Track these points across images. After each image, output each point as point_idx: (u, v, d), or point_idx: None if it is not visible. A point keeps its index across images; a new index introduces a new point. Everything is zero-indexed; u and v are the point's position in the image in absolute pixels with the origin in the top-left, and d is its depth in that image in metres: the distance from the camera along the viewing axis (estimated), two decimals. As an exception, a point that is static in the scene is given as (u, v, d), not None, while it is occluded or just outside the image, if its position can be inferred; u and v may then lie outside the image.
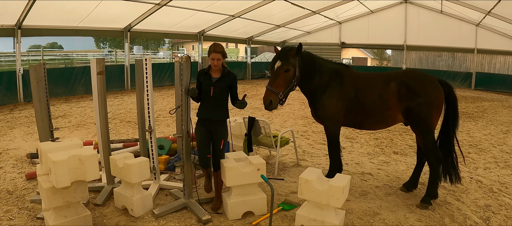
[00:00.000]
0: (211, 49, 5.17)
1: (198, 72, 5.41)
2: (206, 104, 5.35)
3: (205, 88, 5.28)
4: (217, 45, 5.21)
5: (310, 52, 6.05)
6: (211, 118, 5.31)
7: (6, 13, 13.75)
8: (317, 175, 4.57)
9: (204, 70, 5.36)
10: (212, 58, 5.16)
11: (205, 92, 5.29)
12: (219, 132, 5.37)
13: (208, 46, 21.77)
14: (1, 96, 14.98)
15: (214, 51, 5.16)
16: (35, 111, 5.84)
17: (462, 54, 25.75)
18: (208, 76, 5.30)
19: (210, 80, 5.28)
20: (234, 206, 5.13)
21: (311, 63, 5.88)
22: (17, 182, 6.55)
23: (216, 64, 5.20)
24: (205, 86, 5.28)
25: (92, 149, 4.66)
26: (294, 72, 5.62)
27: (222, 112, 5.39)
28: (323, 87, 5.94)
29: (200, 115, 5.39)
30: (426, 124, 5.51)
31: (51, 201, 4.52)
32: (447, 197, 5.96)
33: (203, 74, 5.34)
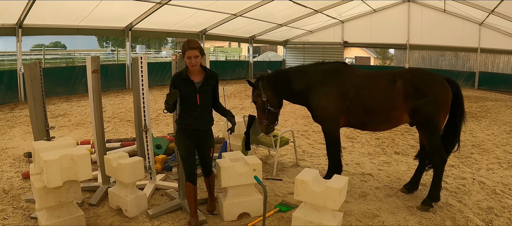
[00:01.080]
0: (185, 46, 4.47)
1: (173, 77, 4.66)
2: (191, 113, 4.65)
3: (188, 96, 4.59)
4: (192, 40, 4.52)
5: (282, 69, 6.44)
6: (200, 128, 4.73)
7: (6, 12, 13.74)
8: (314, 176, 4.46)
9: (181, 75, 4.60)
10: (187, 56, 4.45)
11: (189, 101, 4.61)
12: (208, 142, 4.88)
13: (211, 45, 21.81)
14: (2, 95, 14.99)
15: (190, 48, 4.44)
16: (29, 110, 5.79)
17: (465, 53, 25.63)
18: (189, 81, 4.58)
19: (193, 86, 4.59)
20: (230, 207, 5.03)
21: (279, 77, 6.24)
22: (14, 181, 6.51)
23: (194, 64, 4.49)
24: (187, 93, 4.57)
25: (84, 149, 4.59)
26: (261, 99, 6.26)
27: (211, 119, 4.86)
28: (315, 87, 5.95)
29: (185, 125, 4.71)
30: (433, 125, 5.34)
31: (44, 201, 4.47)
32: (449, 199, 5.83)
33: (182, 80, 4.57)
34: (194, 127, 4.70)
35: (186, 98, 4.62)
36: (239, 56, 45.50)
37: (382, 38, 27.41)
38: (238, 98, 17.64)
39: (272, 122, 6.34)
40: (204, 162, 5.00)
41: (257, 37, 28.09)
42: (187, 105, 4.66)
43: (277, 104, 6.31)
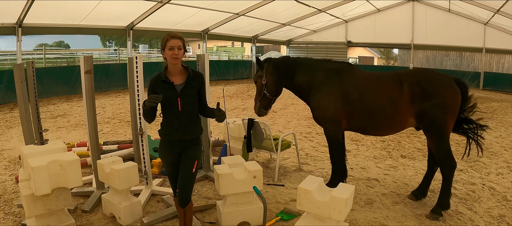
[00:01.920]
0: (165, 37, 3.92)
1: (151, 80, 4.02)
2: (172, 122, 4.01)
3: (169, 101, 3.95)
4: (174, 32, 3.97)
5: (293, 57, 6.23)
6: (183, 139, 4.04)
7: (6, 11, 13.64)
8: (318, 184, 4.18)
9: (159, 77, 3.97)
10: (170, 47, 3.85)
11: (169, 107, 3.97)
12: (190, 152, 4.12)
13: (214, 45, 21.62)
14: (2, 94, 14.96)
15: (172, 37, 3.88)
16: (20, 112, 5.57)
17: (470, 53, 25.35)
18: (169, 84, 3.95)
19: (173, 89, 3.95)
20: (228, 215, 4.78)
21: (284, 65, 6.09)
22: (7, 185, 6.32)
23: (177, 56, 3.87)
24: (167, 98, 3.92)
25: (74, 155, 4.35)
26: (261, 82, 6.11)
27: (197, 128, 4.18)
28: (317, 86, 5.79)
29: (166, 136, 4.10)
30: (440, 129, 5.06)
31: (32, 209, 4.30)
32: (459, 206, 5.57)
33: (160, 83, 3.94)
34: (176, 137, 4.03)
35: (166, 104, 3.98)
36: (242, 56, 45.37)
37: (386, 38, 27.17)
38: (240, 98, 17.47)
39: (264, 106, 6.23)
40: (180, 180, 4.09)
41: (260, 36, 27.92)
42: (168, 112, 4.02)
43: (274, 91, 6.18)
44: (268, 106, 6.28)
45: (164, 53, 3.94)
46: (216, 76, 25.52)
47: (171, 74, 4.01)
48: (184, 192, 4.07)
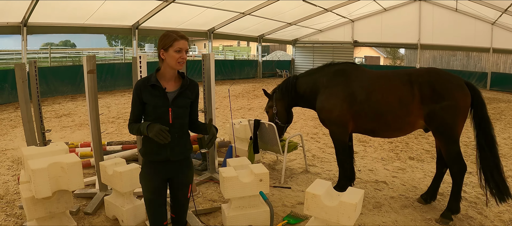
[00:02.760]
0: (172, 36, 3.25)
1: (137, 83, 3.35)
2: None
3: (157, 111, 3.29)
4: (181, 32, 3.35)
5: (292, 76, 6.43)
6: (173, 158, 3.40)
7: (11, 10, 13.69)
8: (326, 189, 4.06)
9: (148, 80, 3.30)
10: (178, 48, 3.23)
11: (157, 118, 3.28)
12: (184, 176, 3.54)
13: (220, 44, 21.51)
14: (7, 94, 15.03)
15: (182, 37, 3.28)
16: (21, 112, 5.49)
17: (477, 53, 25.24)
18: (160, 90, 3.29)
19: (164, 97, 3.29)
20: (233, 219, 4.66)
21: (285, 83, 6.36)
22: (9, 185, 6.26)
23: (184, 59, 3.28)
24: (156, 107, 3.29)
25: (75, 157, 4.25)
26: (272, 111, 6.53)
27: (188, 145, 3.56)
28: (321, 90, 5.76)
29: (150, 156, 3.40)
30: (451, 131, 4.91)
31: (32, 212, 4.21)
32: (469, 210, 5.43)
33: (149, 88, 3.28)
34: (163, 157, 3.37)
35: (153, 114, 3.29)
36: (248, 56, 45.35)
37: (393, 37, 27.09)
38: (246, 98, 17.41)
39: (278, 136, 6.50)
40: (176, 207, 3.64)
41: (266, 36, 27.95)
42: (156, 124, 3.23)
43: (285, 117, 6.48)
44: (281, 134, 6.58)
45: (166, 54, 3.24)
46: (221, 76, 25.51)
47: (163, 78, 3.35)
48: (183, 219, 3.71)
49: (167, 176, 3.46)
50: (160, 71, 3.36)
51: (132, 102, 3.37)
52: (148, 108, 3.29)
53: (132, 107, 3.37)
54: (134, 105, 3.35)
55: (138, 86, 3.31)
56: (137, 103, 3.32)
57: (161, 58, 3.30)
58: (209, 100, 6.22)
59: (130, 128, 3.39)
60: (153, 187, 3.43)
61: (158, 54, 3.32)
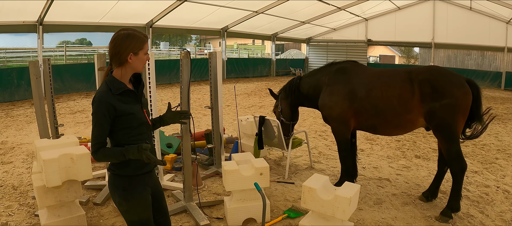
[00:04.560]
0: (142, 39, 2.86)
1: (100, 99, 2.75)
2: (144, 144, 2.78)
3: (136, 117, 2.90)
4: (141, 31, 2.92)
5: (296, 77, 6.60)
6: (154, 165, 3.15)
7: (27, 9, 13.94)
8: (323, 183, 4.19)
9: (116, 87, 2.81)
10: (146, 51, 2.91)
11: (141, 123, 2.94)
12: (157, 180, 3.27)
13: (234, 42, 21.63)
14: (23, 91, 15.31)
15: (147, 38, 2.95)
16: (35, 108, 5.71)
17: (491, 52, 24.90)
18: (131, 93, 2.92)
19: (137, 100, 2.98)
20: (234, 212, 4.81)
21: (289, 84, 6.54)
22: (24, 177, 6.52)
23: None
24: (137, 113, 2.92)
25: (84, 149, 4.44)
26: (277, 110, 6.74)
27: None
28: (322, 88, 5.89)
29: (139, 169, 2.96)
30: (451, 130, 4.95)
31: (43, 200, 4.40)
32: (470, 209, 5.48)
33: (119, 97, 2.81)
34: (149, 167, 3.08)
35: (135, 121, 2.90)
36: (262, 54, 45.40)
37: (407, 36, 26.90)
38: (258, 96, 17.50)
39: (285, 133, 6.68)
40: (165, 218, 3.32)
41: (279, 34, 27.98)
42: (137, 133, 2.93)
43: (289, 115, 6.61)
44: (288, 132, 6.71)
45: (135, 58, 2.85)
46: (235, 74, 25.61)
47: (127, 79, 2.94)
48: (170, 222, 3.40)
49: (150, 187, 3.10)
50: (117, 76, 2.87)
51: (97, 123, 2.76)
52: (124, 119, 2.83)
53: (98, 128, 2.75)
54: (100, 127, 2.75)
55: (104, 101, 2.74)
56: (107, 122, 2.76)
57: (127, 62, 2.83)
58: (215, 97, 6.36)
59: (102, 155, 2.78)
60: (149, 204, 3.06)
61: (122, 58, 2.82)
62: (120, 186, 2.93)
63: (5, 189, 5.95)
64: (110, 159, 2.83)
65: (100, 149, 2.76)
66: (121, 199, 2.93)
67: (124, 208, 2.97)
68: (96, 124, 2.76)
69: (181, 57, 4.95)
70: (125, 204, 2.95)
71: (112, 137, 2.89)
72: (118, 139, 2.89)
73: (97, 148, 2.76)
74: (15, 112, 12.56)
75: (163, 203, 3.27)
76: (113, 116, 2.78)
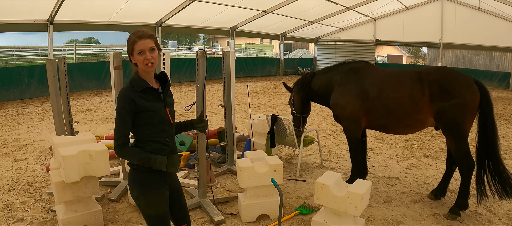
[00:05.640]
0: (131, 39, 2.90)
1: (124, 92, 2.89)
2: (164, 141, 3.06)
3: (158, 114, 2.97)
4: (140, 30, 2.95)
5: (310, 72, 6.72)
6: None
7: (38, 8, 14.11)
8: (336, 179, 4.30)
9: (138, 85, 2.90)
10: (139, 51, 2.86)
11: (161, 122, 3.00)
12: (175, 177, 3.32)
13: (242, 42, 21.60)
14: (34, 89, 15.46)
15: (140, 37, 2.88)
16: (51, 105, 5.82)
17: (500, 53, 24.79)
18: (155, 92, 3.00)
19: (159, 98, 3.04)
20: (248, 208, 4.92)
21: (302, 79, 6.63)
22: (38, 174, 6.63)
23: (151, 61, 2.90)
24: (159, 110, 2.99)
25: (102, 145, 4.55)
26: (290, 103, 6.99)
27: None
28: (335, 87, 5.96)
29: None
30: (459, 129, 5.03)
31: (61, 196, 4.50)
32: (478, 208, 5.52)
33: (141, 94, 2.90)
34: None
35: (156, 119, 2.97)
36: (270, 53, 45.44)
37: (415, 36, 26.86)
38: (267, 95, 17.59)
39: (296, 125, 6.84)
40: (184, 214, 3.37)
41: (288, 34, 28.04)
42: (157, 130, 3.00)
43: (299, 108, 6.73)
44: (299, 124, 6.86)
45: (134, 59, 2.91)
46: (243, 73, 25.68)
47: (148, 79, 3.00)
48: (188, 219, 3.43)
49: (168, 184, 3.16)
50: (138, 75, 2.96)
51: (120, 119, 2.85)
52: (144, 116, 2.91)
53: (120, 124, 2.85)
54: (123, 121, 2.85)
55: (126, 97, 2.85)
56: (129, 116, 2.85)
57: (133, 63, 2.95)
58: (229, 95, 6.46)
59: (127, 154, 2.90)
60: (166, 199, 3.11)
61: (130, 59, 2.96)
62: (138, 181, 3.00)
63: (20, 185, 6.07)
64: (134, 160, 2.93)
65: (125, 147, 2.87)
66: (138, 193, 3.01)
67: (141, 202, 3.05)
68: (118, 119, 2.86)
69: (198, 56, 5.04)
70: (142, 198, 3.02)
71: (134, 132, 2.99)
72: (139, 134, 2.99)
73: (121, 143, 2.85)
74: (26, 110, 12.70)
75: (182, 200, 3.33)
76: (134, 111, 2.86)
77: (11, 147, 8.30)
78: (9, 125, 10.42)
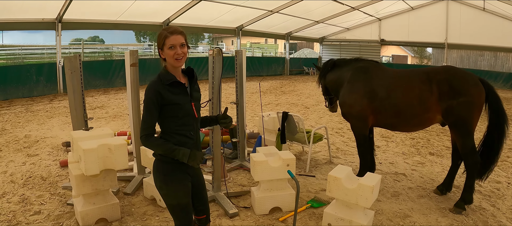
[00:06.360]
0: (163, 34, 3.03)
1: (152, 86, 3.01)
2: (189, 134, 3.16)
3: (183, 108, 3.09)
4: (171, 26, 3.16)
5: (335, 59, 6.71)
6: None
7: (47, 7, 14.29)
8: (347, 173, 4.46)
9: (166, 79, 3.02)
10: (170, 45, 2.98)
11: (186, 116, 3.12)
12: (201, 173, 3.48)
13: (247, 41, 21.70)
14: (42, 87, 15.58)
15: (172, 32, 3.01)
16: (69, 101, 5.96)
17: (504, 53, 24.72)
18: (182, 86, 3.10)
19: (185, 92, 3.14)
20: (262, 201, 5.07)
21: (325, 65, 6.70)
22: (51, 169, 6.78)
23: (181, 56, 3.01)
24: (184, 104, 3.10)
25: (121, 139, 4.70)
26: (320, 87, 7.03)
27: None
28: (344, 84, 6.10)
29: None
30: (467, 126, 5.19)
31: (80, 188, 4.62)
32: (482, 203, 5.69)
33: (168, 87, 3.02)
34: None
35: (180, 112, 3.08)
36: (275, 53, 45.49)
37: (420, 36, 26.85)
38: (274, 94, 17.71)
39: (326, 104, 7.05)
40: (204, 206, 3.49)
41: (293, 33, 28.12)
42: (182, 123, 3.11)
43: (324, 90, 6.92)
44: (328, 103, 7.02)
45: (164, 53, 3.03)
46: (250, 72, 25.71)
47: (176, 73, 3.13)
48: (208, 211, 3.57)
49: (191, 176, 3.27)
50: (166, 70, 3.09)
51: (147, 110, 2.99)
52: (170, 108, 3.04)
53: (147, 116, 2.99)
54: (150, 113, 2.98)
55: (154, 90, 2.98)
56: (156, 108, 2.99)
57: (162, 58, 3.08)
58: (241, 93, 6.62)
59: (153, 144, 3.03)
60: (188, 190, 3.21)
61: (159, 54, 3.11)
62: (162, 171, 3.13)
63: (34, 180, 6.20)
64: (158, 151, 3.07)
65: (151, 137, 3.00)
66: (162, 183, 3.14)
67: (164, 192, 3.17)
68: (145, 111, 2.98)
69: (214, 54, 5.19)
70: (165, 188, 3.15)
71: (160, 124, 3.11)
72: (165, 126, 3.11)
73: (147, 133, 2.99)
74: (35, 107, 12.85)
75: (204, 193, 3.45)
76: (161, 103, 2.98)
77: (23, 143, 8.44)
78: (19, 122, 10.57)
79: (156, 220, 4.94)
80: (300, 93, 18.42)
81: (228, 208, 5.11)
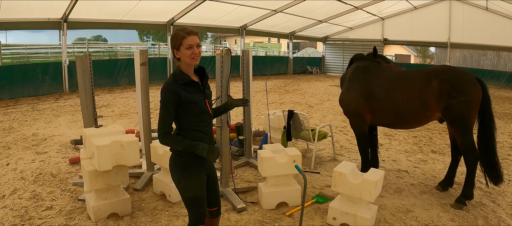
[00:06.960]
0: (180, 35, 3.17)
1: (167, 86, 3.15)
2: (204, 130, 3.33)
3: (198, 106, 3.24)
4: (189, 28, 3.25)
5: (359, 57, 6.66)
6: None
7: (52, 7, 14.47)
8: (352, 169, 4.62)
9: (181, 78, 3.18)
10: (187, 46, 3.14)
11: (202, 113, 3.27)
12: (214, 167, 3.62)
13: (251, 40, 21.84)
14: (48, 86, 15.79)
15: (189, 33, 3.16)
16: (80, 99, 6.10)
17: (507, 53, 24.71)
18: (196, 85, 3.27)
19: (200, 90, 3.31)
20: (269, 196, 5.22)
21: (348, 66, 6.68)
22: (61, 166, 6.89)
23: (196, 55, 3.16)
24: (199, 102, 3.25)
25: (133, 136, 4.84)
26: None
27: None
28: (344, 82, 6.32)
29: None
30: (466, 123, 5.34)
31: (93, 184, 4.75)
32: (483, 199, 5.83)
33: (184, 86, 3.18)
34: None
35: (196, 110, 3.24)
36: (279, 52, 45.54)
37: (423, 36, 26.87)
38: (277, 93, 17.84)
39: None
40: (216, 199, 3.64)
41: (297, 33, 28.28)
42: (198, 120, 3.27)
43: None
44: None
45: (179, 53, 3.17)
46: (253, 71, 25.49)
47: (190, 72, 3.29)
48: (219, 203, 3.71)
49: (206, 170, 3.39)
50: (182, 69, 3.23)
51: (163, 109, 3.14)
52: (186, 107, 3.17)
53: (165, 115, 3.14)
54: (167, 112, 3.13)
55: (171, 89, 3.12)
56: (173, 107, 3.13)
57: (177, 58, 3.22)
58: (247, 91, 6.77)
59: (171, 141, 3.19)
60: (204, 183, 3.34)
61: (173, 54, 3.24)
62: (180, 165, 3.25)
63: (44, 177, 6.33)
64: (177, 147, 3.19)
65: (169, 135, 3.16)
66: (180, 176, 3.26)
67: (182, 185, 3.28)
68: (163, 110, 3.13)
69: (223, 54, 5.35)
70: (183, 182, 3.26)
71: (177, 122, 3.25)
72: (182, 124, 3.24)
73: (164, 132, 3.14)
74: (41, 106, 13.01)
75: (216, 186, 3.59)
76: (178, 103, 3.12)
77: (31, 141, 8.57)
78: (26, 121, 10.70)
79: (166, 215, 5.07)
80: (303, 92, 18.54)
81: (236, 203, 5.26)
